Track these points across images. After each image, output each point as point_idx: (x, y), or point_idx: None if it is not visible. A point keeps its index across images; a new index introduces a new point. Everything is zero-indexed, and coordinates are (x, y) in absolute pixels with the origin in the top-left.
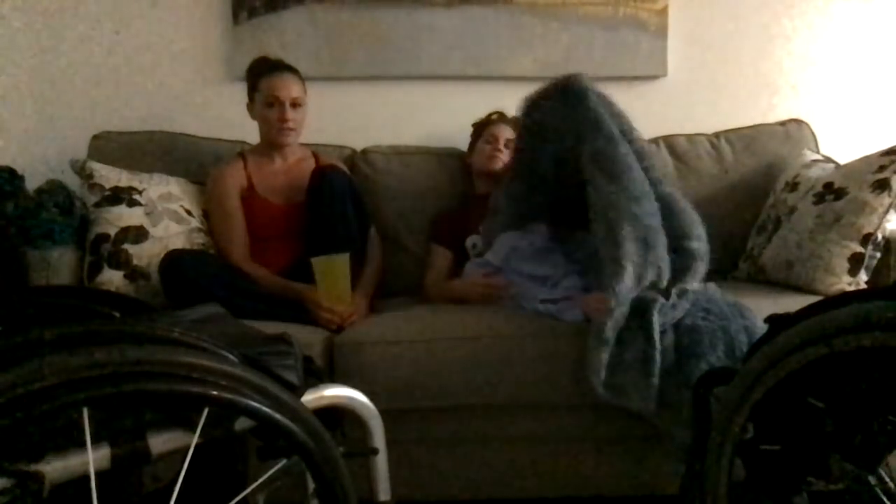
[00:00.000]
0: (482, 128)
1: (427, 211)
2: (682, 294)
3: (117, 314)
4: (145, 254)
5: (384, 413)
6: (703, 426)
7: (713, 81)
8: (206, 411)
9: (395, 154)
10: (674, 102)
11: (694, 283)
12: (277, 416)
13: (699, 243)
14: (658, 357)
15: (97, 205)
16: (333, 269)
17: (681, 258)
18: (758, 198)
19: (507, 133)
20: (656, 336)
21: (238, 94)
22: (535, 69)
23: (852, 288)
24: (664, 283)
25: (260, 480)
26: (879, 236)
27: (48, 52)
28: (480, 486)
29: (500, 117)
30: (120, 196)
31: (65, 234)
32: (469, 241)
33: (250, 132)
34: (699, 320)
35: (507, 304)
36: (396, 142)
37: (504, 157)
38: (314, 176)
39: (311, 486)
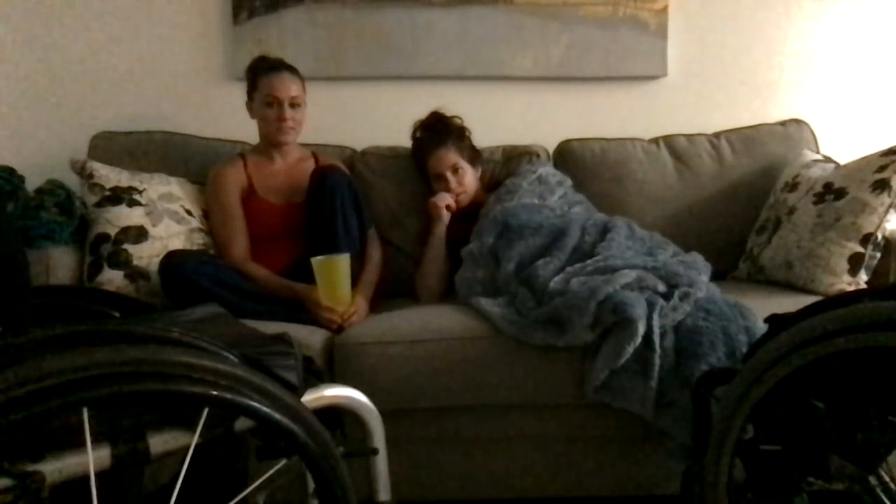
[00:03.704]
0: (423, 168)
1: (426, 211)
2: (685, 297)
3: (117, 314)
4: (145, 254)
5: (384, 413)
6: (703, 426)
7: (713, 81)
8: (206, 411)
9: (395, 155)
10: (674, 102)
11: (699, 292)
12: (277, 416)
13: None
14: (657, 360)
15: (97, 205)
16: (333, 270)
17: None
18: (758, 198)
19: (448, 160)
20: (656, 339)
21: (238, 94)
22: (534, 69)
23: (852, 288)
24: (663, 287)
25: (260, 480)
26: (879, 236)
27: (48, 52)
28: (480, 486)
29: (430, 143)
30: (120, 196)
31: (65, 234)
32: (465, 251)
33: (250, 132)
34: (699, 321)
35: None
36: (396, 142)
37: (460, 188)
38: (314, 176)
39: (311, 486)
